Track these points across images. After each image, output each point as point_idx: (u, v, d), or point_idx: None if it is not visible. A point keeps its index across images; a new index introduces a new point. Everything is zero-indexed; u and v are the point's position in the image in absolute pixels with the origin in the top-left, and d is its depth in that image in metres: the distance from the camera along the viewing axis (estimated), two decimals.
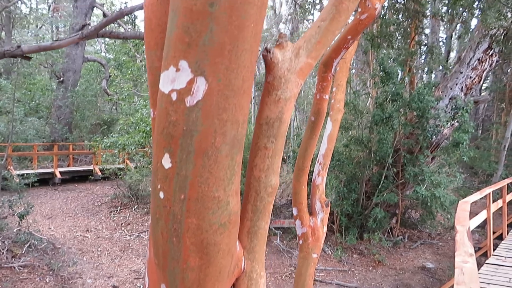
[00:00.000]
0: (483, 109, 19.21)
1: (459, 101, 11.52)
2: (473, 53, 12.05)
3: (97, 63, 18.35)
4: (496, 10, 8.72)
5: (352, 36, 2.01)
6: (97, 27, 4.73)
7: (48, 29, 22.22)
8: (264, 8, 0.89)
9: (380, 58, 10.18)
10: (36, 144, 14.83)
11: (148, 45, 1.22)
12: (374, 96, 12.10)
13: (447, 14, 8.17)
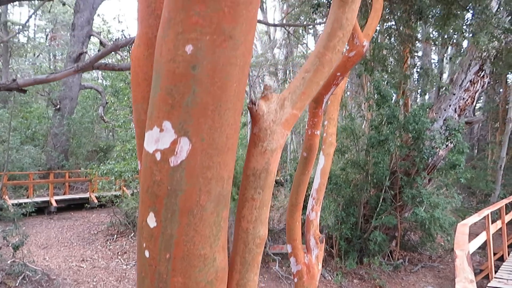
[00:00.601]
0: (478, 128, 19.35)
1: (451, 122, 11.62)
2: (464, 75, 12.23)
3: (94, 90, 18.48)
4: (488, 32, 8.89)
5: (342, 73, 2.04)
6: (92, 59, 4.78)
7: (46, 57, 22.46)
8: (247, 67, 0.91)
9: (376, 81, 10.32)
10: (32, 172, 14.74)
11: (135, 98, 1.24)
12: (369, 119, 12.19)
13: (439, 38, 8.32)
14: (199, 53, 0.85)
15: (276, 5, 21.66)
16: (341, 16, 1.21)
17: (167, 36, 0.88)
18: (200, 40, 0.84)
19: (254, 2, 0.89)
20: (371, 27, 2.77)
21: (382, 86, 10.32)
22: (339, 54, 1.22)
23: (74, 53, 16.12)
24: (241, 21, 0.87)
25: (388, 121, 9.99)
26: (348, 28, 1.22)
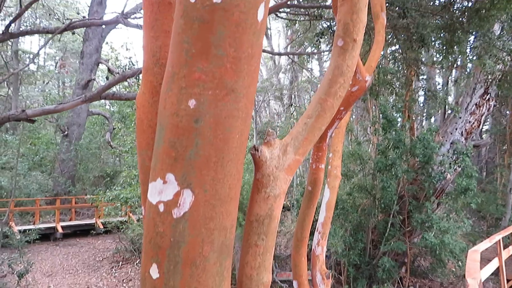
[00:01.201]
0: (486, 151, 19.18)
1: (459, 145, 11.54)
2: (470, 98, 12.22)
3: (101, 116, 18.71)
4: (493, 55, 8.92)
5: (345, 107, 2.06)
6: (99, 90, 4.86)
7: (55, 84, 22.89)
8: (249, 118, 0.92)
9: (382, 106, 10.34)
10: (38, 198, 14.78)
11: (139, 145, 1.25)
12: (375, 143, 12.16)
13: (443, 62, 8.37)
14: (202, 107, 0.86)
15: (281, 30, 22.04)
16: (341, 63, 1.23)
17: (171, 90, 0.90)
18: (202, 95, 0.86)
19: (256, 56, 0.91)
20: (374, 59, 2.80)
21: (388, 111, 10.33)
22: (341, 100, 1.24)
23: (82, 80, 16.42)
24: (243, 75, 0.89)
25: (395, 146, 9.96)
26: (349, 74, 1.24)
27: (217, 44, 0.85)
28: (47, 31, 4.75)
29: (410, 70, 11.09)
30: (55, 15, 18.51)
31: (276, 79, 20.51)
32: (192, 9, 0.85)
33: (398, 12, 6.39)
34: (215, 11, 0.84)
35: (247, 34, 0.87)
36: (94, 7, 17.54)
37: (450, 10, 6.24)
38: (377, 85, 11.46)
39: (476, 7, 5.72)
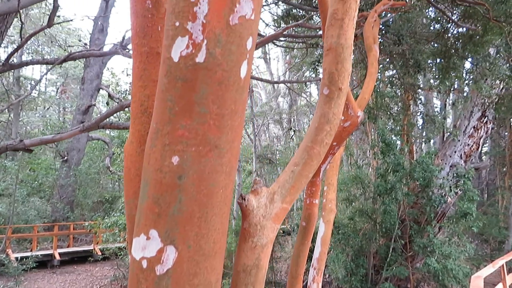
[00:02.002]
0: (486, 173, 19.12)
1: (459, 168, 11.50)
2: (467, 121, 12.27)
3: (101, 141, 18.75)
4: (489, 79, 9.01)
5: (338, 142, 2.06)
6: (97, 119, 4.88)
7: (55, 110, 23.06)
8: (233, 172, 0.92)
9: (381, 129, 10.38)
10: (36, 225, 14.65)
11: (127, 193, 1.25)
12: (375, 167, 12.15)
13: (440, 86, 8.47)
14: (185, 164, 0.87)
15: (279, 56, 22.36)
16: (327, 111, 1.24)
17: (155, 146, 0.90)
18: (186, 151, 0.86)
19: (239, 112, 0.92)
20: (367, 91, 2.83)
21: (387, 134, 10.37)
22: (327, 147, 1.24)
23: (83, 105, 16.55)
24: (226, 130, 0.89)
25: (394, 169, 9.94)
26: (335, 122, 1.25)
27: (200, 102, 0.86)
28: (47, 62, 4.82)
29: (407, 95, 11.19)
30: (57, 42, 18.83)
31: (275, 103, 20.67)
32: (175, 69, 0.86)
33: (393, 39, 6.49)
34: (198, 71, 0.85)
35: (230, 91, 0.88)
36: (95, 34, 17.85)
37: (444, 37, 6.35)
38: (375, 109, 11.54)
39: (469, 34, 5.82)
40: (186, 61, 0.85)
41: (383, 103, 11.43)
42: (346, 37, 1.19)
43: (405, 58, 6.98)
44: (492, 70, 7.26)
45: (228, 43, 0.85)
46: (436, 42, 6.60)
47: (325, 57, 1.24)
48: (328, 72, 1.22)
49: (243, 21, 0.85)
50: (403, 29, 6.69)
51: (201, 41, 0.84)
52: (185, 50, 0.85)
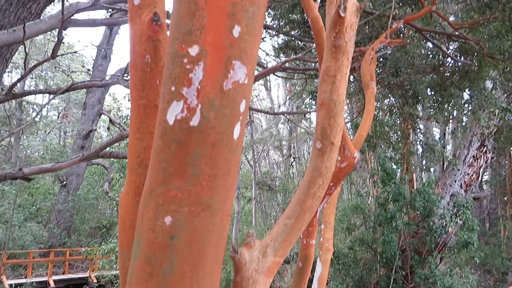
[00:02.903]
0: (487, 202, 19.00)
1: (459, 198, 11.44)
2: (467, 150, 12.29)
3: (100, 166, 18.73)
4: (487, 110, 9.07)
5: (335, 183, 2.07)
6: (97, 149, 4.90)
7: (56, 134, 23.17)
8: (225, 231, 0.93)
9: (381, 158, 10.41)
10: (32, 251, 14.45)
11: (121, 244, 1.25)
12: (375, 195, 12.10)
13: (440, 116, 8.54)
14: (178, 224, 0.87)
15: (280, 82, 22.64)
16: (320, 165, 1.26)
17: (148, 205, 0.91)
18: (179, 212, 0.87)
19: (232, 171, 0.93)
20: (364, 129, 2.86)
21: (387, 163, 10.38)
22: (320, 199, 1.26)
23: (83, 130, 16.63)
24: (219, 190, 0.91)
25: (394, 198, 9.90)
26: (328, 175, 1.27)
27: (193, 163, 0.88)
28: (49, 92, 4.89)
29: (406, 124, 11.26)
30: (60, 68, 19.11)
31: (275, 129, 20.78)
32: (170, 131, 0.88)
33: (391, 71, 6.60)
34: (192, 133, 0.87)
35: (223, 152, 0.90)
36: (99, 61, 18.14)
37: (441, 70, 6.45)
38: (375, 137, 11.59)
39: (465, 68, 5.92)
40: (181, 124, 0.87)
41: (382, 131, 11.49)
42: (339, 93, 1.22)
43: (404, 89, 7.07)
44: (489, 102, 7.35)
45: (222, 107, 0.88)
46: (434, 74, 6.70)
47: (318, 112, 1.27)
48: (321, 127, 1.25)
49: (236, 86, 0.88)
50: (401, 61, 6.80)
51: (195, 106, 0.86)
52: (180, 114, 0.87)
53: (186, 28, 0.87)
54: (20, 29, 5.30)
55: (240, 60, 0.89)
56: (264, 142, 18.38)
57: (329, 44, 1.21)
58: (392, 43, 3.58)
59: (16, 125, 17.78)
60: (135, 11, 1.24)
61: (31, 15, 6.64)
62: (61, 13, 4.73)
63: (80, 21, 6.17)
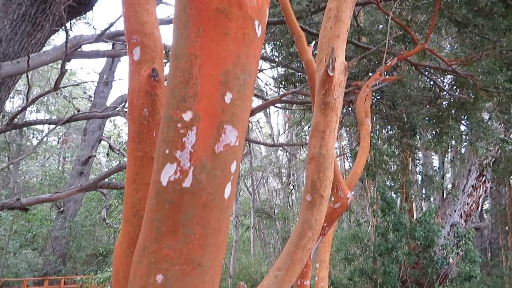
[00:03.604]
0: (489, 231, 18.82)
1: (460, 228, 11.35)
2: (466, 180, 12.29)
3: (98, 192, 18.65)
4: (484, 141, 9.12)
5: (328, 223, 2.09)
6: (96, 179, 4.92)
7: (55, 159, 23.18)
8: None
9: (381, 187, 10.40)
10: (26, 279, 14.19)
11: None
12: (374, 224, 12.01)
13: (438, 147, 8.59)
14: (169, 282, 0.89)
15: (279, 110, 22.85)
16: (310, 218, 1.29)
17: (141, 263, 0.94)
18: (170, 270, 0.90)
19: (223, 229, 0.96)
20: (359, 166, 2.89)
21: (387, 192, 10.36)
22: (310, 251, 1.28)
23: (83, 156, 16.65)
24: (209, 249, 0.93)
25: (395, 228, 9.83)
26: (317, 227, 1.30)
27: (185, 223, 0.91)
28: (50, 122, 4.96)
29: (405, 154, 11.31)
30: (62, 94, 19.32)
31: (274, 156, 20.81)
32: (163, 192, 0.92)
33: (388, 104, 6.69)
34: (184, 194, 0.91)
35: (214, 212, 0.93)
36: (100, 87, 18.37)
37: (437, 103, 6.55)
38: (374, 166, 11.60)
39: (461, 101, 6.01)
40: (174, 185, 0.90)
41: (381, 160, 11.52)
42: (328, 148, 1.26)
43: (401, 121, 7.15)
44: (486, 133, 7.41)
45: (213, 169, 0.92)
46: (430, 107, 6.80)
47: (308, 165, 1.31)
48: (311, 180, 1.29)
49: (228, 149, 0.92)
50: (397, 93, 6.89)
51: (188, 168, 0.90)
52: (173, 175, 0.91)
53: (181, 95, 0.92)
54: (24, 60, 5.43)
55: (231, 124, 0.93)
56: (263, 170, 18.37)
57: (319, 101, 1.26)
58: (387, 80, 3.67)
59: (16, 151, 17.82)
60: (134, 66, 1.30)
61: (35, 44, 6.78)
62: (64, 46, 4.85)
63: (83, 53, 6.31)
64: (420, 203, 15.23)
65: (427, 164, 14.68)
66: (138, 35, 1.28)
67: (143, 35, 1.28)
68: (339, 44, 1.27)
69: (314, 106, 1.28)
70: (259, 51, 0.99)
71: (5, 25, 6.21)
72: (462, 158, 10.93)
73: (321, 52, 1.31)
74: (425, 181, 11.49)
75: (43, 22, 6.74)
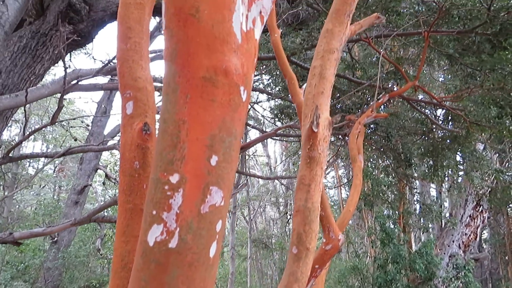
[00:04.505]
0: (488, 261, 18.59)
1: (459, 259, 11.24)
2: (463, 210, 12.25)
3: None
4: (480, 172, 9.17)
5: (320, 265, 2.09)
6: (90, 213, 4.90)
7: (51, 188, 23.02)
8: None
9: (380, 217, 10.35)
10: None
11: None
12: (373, 256, 11.87)
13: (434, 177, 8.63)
14: None
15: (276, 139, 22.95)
16: (296, 270, 1.31)
17: None
18: None
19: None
20: (352, 204, 2.91)
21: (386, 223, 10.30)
22: None
23: (79, 185, 16.55)
24: None
25: (394, 260, 9.72)
26: (303, 280, 1.32)
27: (170, 283, 0.93)
28: (46, 156, 4.98)
29: (401, 184, 11.33)
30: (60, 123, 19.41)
31: (272, 185, 20.75)
32: (150, 252, 0.94)
33: (383, 136, 6.77)
34: (170, 255, 0.93)
35: (199, 271, 0.95)
36: (98, 116, 18.47)
37: (431, 136, 6.64)
38: (372, 196, 11.58)
39: (454, 134, 6.10)
40: (160, 246, 0.93)
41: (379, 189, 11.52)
42: (313, 201, 1.30)
43: (396, 153, 7.21)
44: (480, 164, 7.48)
45: (199, 229, 0.94)
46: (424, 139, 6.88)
47: (294, 218, 1.34)
48: (297, 233, 1.31)
49: (213, 209, 0.95)
50: (391, 125, 6.99)
51: (174, 229, 0.93)
52: (160, 236, 0.93)
53: (169, 158, 0.96)
54: (23, 94, 5.50)
55: (217, 186, 0.97)
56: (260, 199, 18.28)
57: (304, 155, 1.31)
58: (379, 117, 3.74)
59: (11, 180, 17.72)
60: (127, 119, 1.35)
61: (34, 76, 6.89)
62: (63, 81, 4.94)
63: (82, 86, 6.40)
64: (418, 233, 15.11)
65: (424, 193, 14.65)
66: (132, 90, 1.34)
67: (136, 90, 1.34)
68: (323, 100, 1.33)
69: (300, 159, 1.32)
70: (244, 114, 1.04)
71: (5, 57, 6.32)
72: (459, 188, 10.94)
73: (306, 108, 1.36)
74: (423, 211, 11.46)
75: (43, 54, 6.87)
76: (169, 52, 0.99)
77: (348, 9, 1.50)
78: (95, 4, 7.31)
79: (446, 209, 16.20)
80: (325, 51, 1.40)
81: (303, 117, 1.36)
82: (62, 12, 6.82)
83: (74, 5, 6.95)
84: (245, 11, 1.04)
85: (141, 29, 1.39)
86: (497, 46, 3.95)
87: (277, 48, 2.50)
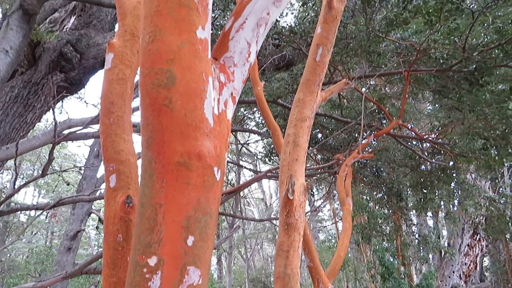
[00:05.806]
0: None
1: None
2: (461, 239, 12.18)
3: None
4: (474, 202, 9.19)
5: None
6: (81, 265, 4.83)
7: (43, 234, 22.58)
8: None
9: (380, 251, 10.24)
10: None
11: None
12: None
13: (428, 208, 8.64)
14: None
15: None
16: None
17: None
18: None
19: None
20: (342, 248, 2.93)
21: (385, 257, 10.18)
22: None
23: (71, 231, 16.26)
24: None
25: None
26: None
27: None
28: (36, 208, 4.96)
29: (396, 216, 11.31)
30: (53, 167, 19.31)
31: (268, 222, 20.56)
32: None
33: (372, 171, 6.83)
34: None
35: None
36: (90, 160, 18.42)
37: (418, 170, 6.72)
38: (369, 229, 11.50)
39: (441, 167, 6.19)
40: None
41: (375, 222, 11.46)
42: (292, 267, 1.33)
43: (387, 187, 7.26)
44: (471, 194, 7.53)
45: None
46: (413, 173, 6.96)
47: (275, 284, 1.37)
48: None
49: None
50: (381, 159, 7.07)
51: None
52: None
53: (146, 241, 0.99)
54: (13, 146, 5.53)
55: (194, 265, 1.00)
56: (257, 236, 18.04)
57: (282, 221, 1.35)
58: (364, 158, 3.81)
59: (2, 228, 17.39)
60: (110, 193, 1.39)
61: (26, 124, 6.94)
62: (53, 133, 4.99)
63: (73, 136, 6.46)
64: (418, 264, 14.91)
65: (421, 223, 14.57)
66: (114, 163, 1.39)
67: (119, 163, 1.39)
68: (298, 167, 1.39)
69: (279, 226, 1.36)
70: (219, 193, 1.09)
71: None
72: (453, 217, 10.94)
73: (282, 175, 1.42)
74: (421, 242, 11.38)
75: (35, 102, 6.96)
76: (145, 139, 1.05)
77: (318, 79, 1.59)
78: (86, 52, 7.49)
79: (445, 238, 16.08)
80: (297, 120, 1.48)
81: (280, 183, 1.42)
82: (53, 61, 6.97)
83: (65, 54, 7.12)
84: (217, 95, 1.11)
85: (123, 103, 1.45)
86: (474, 83, 4.11)
87: (261, 101, 2.60)
